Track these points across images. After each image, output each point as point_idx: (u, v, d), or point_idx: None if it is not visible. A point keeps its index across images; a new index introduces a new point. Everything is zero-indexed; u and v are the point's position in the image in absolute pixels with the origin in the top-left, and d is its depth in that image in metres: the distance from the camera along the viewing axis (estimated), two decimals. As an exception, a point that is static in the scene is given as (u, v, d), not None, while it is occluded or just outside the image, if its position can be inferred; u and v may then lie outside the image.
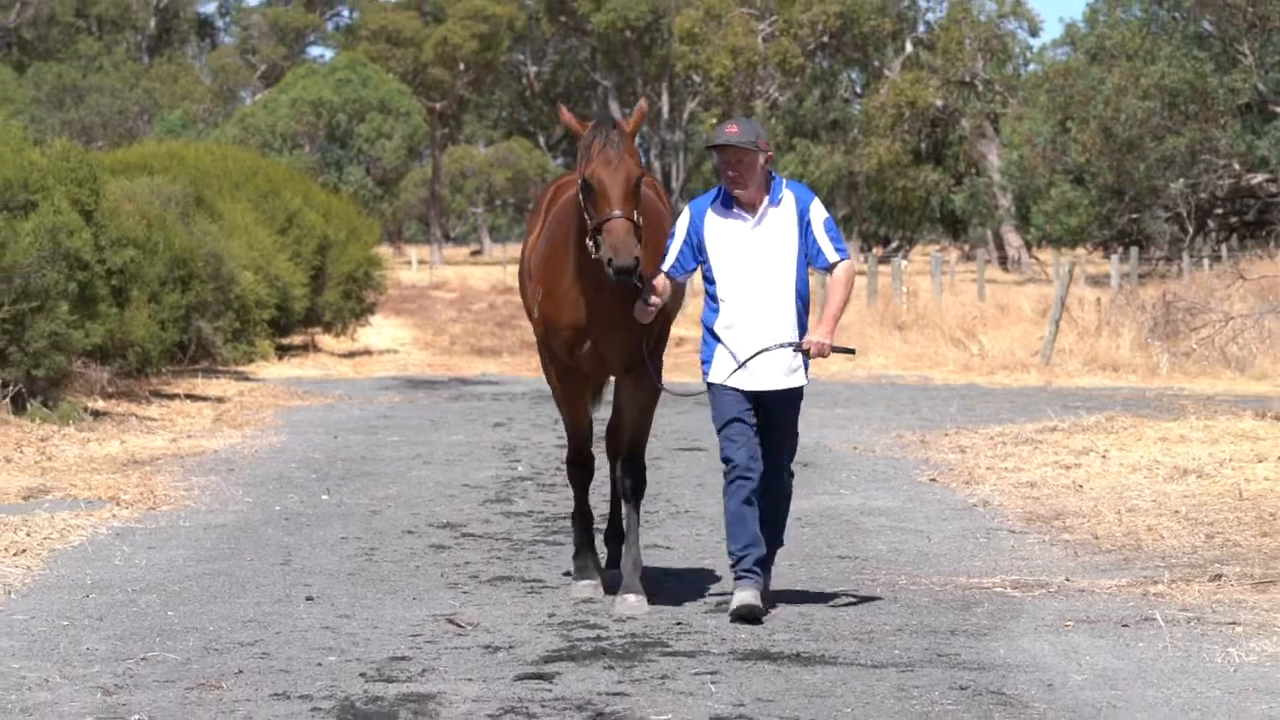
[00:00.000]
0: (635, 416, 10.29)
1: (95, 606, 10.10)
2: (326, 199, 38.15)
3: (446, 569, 11.42)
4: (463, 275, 76.90)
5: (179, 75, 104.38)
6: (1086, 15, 71.45)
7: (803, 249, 9.79)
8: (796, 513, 11.44)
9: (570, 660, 8.79)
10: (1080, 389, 25.99)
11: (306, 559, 11.77)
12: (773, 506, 10.03)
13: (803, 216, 9.81)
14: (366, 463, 17.15)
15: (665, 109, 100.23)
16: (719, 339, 9.84)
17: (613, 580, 10.44)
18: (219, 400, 23.53)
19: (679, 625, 9.65)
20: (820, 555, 11.82)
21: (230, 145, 47.51)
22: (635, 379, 10.15)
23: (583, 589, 10.44)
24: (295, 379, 28.32)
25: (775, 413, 9.91)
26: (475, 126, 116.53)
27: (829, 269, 9.86)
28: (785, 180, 9.93)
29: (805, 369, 9.92)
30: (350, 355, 34.76)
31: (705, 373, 9.92)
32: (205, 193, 28.67)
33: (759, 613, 9.66)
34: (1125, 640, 9.19)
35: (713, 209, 9.88)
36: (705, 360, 9.92)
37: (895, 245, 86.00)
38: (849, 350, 10.64)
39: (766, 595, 10.00)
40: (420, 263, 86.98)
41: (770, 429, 9.92)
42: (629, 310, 9.80)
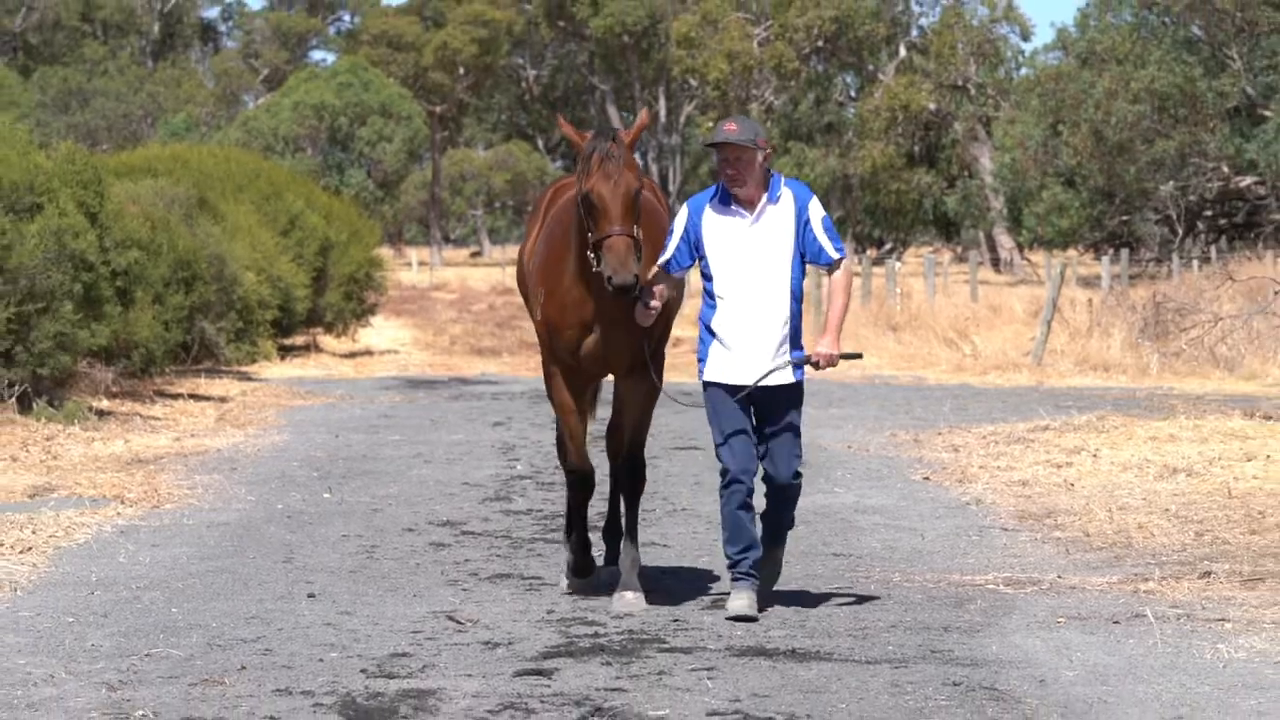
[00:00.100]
0: (636, 415, 10.27)
1: (100, 603, 10.10)
2: (328, 201, 38.18)
3: (446, 566, 11.43)
4: (462, 276, 76.85)
5: (183, 79, 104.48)
6: (1077, 20, 71.60)
7: (799, 247, 9.74)
8: (792, 511, 11.47)
9: (569, 656, 8.80)
10: (1071, 389, 25.99)
11: (308, 557, 11.79)
12: (779, 509, 9.97)
13: (801, 214, 9.76)
14: (367, 461, 17.17)
15: (662, 112, 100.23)
16: (715, 335, 9.79)
17: (610, 577, 10.42)
18: (222, 400, 23.54)
19: (676, 622, 9.66)
20: (815, 553, 11.81)
21: (233, 148, 47.46)
22: (636, 378, 10.13)
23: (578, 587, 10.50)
24: (297, 379, 28.31)
25: (773, 409, 9.79)
26: (475, 130, 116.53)
27: (830, 266, 9.81)
28: (784, 178, 9.88)
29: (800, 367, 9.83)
30: (351, 355, 34.72)
31: (701, 371, 9.86)
32: (208, 195, 28.71)
33: (754, 616, 9.67)
34: (1116, 637, 9.21)
35: (711, 206, 9.82)
36: (701, 359, 9.87)
37: (889, 247, 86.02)
38: (855, 356, 10.50)
39: (776, 573, 10.09)
40: (420, 264, 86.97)
41: (770, 426, 9.82)
42: (630, 309, 9.77)
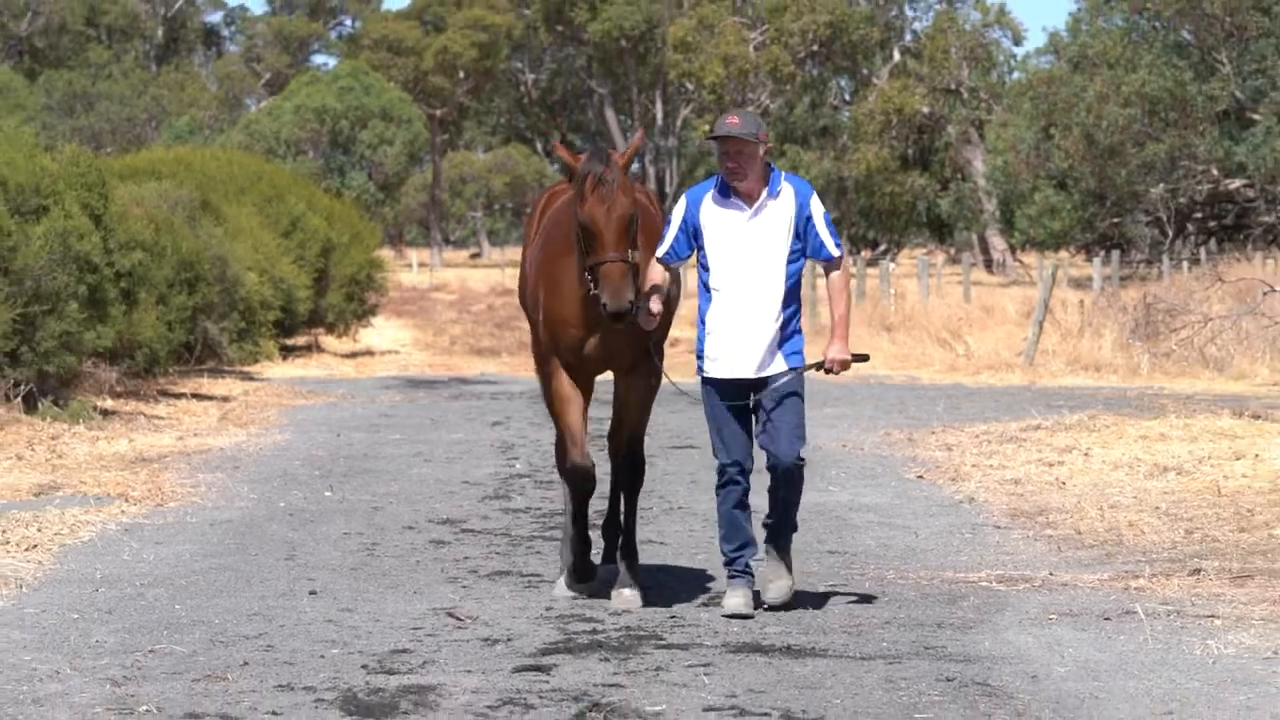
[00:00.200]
0: (636, 412, 10.28)
1: (104, 600, 10.13)
2: (329, 203, 38.25)
3: (446, 564, 11.47)
4: (462, 278, 76.73)
5: (186, 83, 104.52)
6: (1069, 25, 71.58)
7: (799, 242, 9.72)
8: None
9: (567, 652, 8.84)
10: (1063, 388, 25.98)
11: (310, 554, 11.82)
12: (785, 502, 9.84)
13: (803, 210, 9.75)
14: (368, 460, 17.20)
15: (659, 115, 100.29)
16: (711, 329, 9.74)
17: (608, 574, 10.38)
18: (225, 399, 23.58)
19: (673, 619, 9.69)
20: (810, 550, 11.78)
21: (236, 151, 47.51)
22: (637, 374, 10.14)
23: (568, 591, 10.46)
24: (299, 379, 28.33)
25: (771, 400, 9.69)
26: (474, 133, 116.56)
27: (831, 261, 9.79)
28: (784, 174, 9.87)
29: (800, 355, 9.77)
30: (352, 355, 34.74)
31: (700, 367, 9.83)
32: (211, 197, 28.78)
33: (750, 613, 9.70)
34: (1107, 633, 9.24)
35: (710, 198, 9.79)
36: (699, 355, 9.83)
37: (883, 248, 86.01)
38: (864, 358, 10.32)
39: (789, 587, 9.88)
40: (421, 265, 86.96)
41: (771, 399, 9.69)
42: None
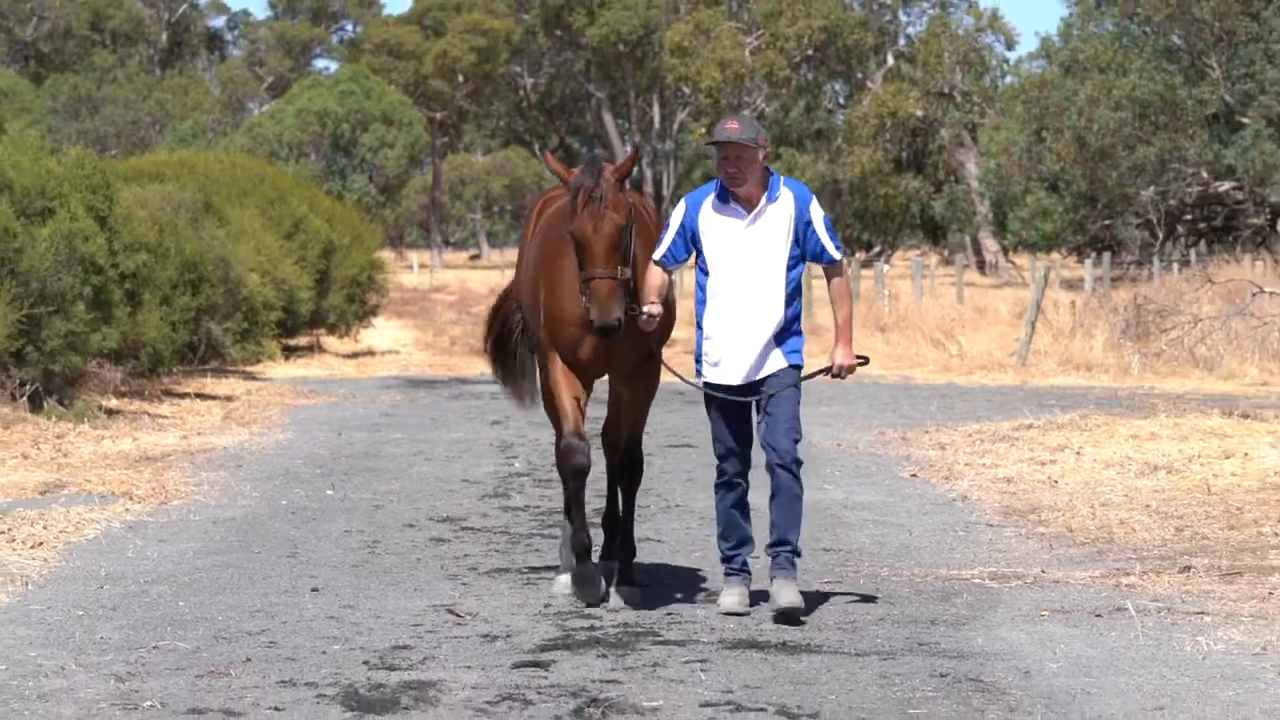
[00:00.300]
0: (635, 412, 10.31)
1: (109, 597, 10.17)
2: (331, 205, 38.29)
3: (446, 561, 11.51)
4: (462, 279, 76.65)
5: (189, 87, 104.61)
6: (1061, 29, 71.89)
7: (798, 247, 9.69)
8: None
9: (565, 649, 8.88)
10: (1055, 388, 26.01)
11: (312, 552, 11.87)
12: (788, 505, 9.69)
13: (802, 214, 9.68)
14: (369, 459, 17.25)
15: (656, 119, 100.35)
16: (708, 334, 9.74)
17: (605, 572, 10.33)
18: (228, 399, 23.60)
19: (670, 615, 9.72)
20: (805, 548, 11.35)
21: (238, 154, 47.66)
22: (637, 376, 10.16)
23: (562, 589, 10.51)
24: (301, 378, 28.31)
25: (769, 399, 9.67)
26: (474, 136, 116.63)
27: (832, 265, 9.76)
28: (783, 178, 9.81)
29: (799, 355, 9.77)
30: (354, 356, 34.67)
31: (699, 371, 9.83)
32: (214, 199, 28.83)
33: (746, 611, 9.73)
34: (1098, 629, 9.29)
35: (710, 203, 9.74)
36: (698, 359, 9.85)
37: (877, 250, 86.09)
38: (865, 360, 10.26)
39: (799, 607, 9.67)
40: (421, 267, 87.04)
41: (769, 390, 9.67)
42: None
